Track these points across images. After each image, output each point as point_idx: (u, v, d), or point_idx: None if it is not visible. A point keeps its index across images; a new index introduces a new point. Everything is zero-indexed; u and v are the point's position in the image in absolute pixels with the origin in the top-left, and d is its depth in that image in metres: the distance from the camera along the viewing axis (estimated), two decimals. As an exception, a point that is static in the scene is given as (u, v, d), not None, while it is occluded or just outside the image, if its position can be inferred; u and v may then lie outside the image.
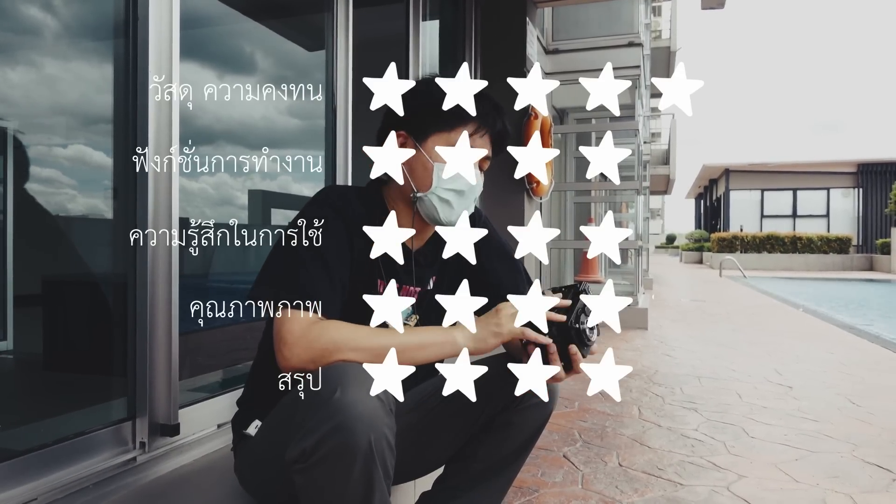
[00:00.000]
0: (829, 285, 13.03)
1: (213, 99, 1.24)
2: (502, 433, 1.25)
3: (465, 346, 1.07)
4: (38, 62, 1.50)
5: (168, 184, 1.48)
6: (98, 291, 1.64)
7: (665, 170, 19.59)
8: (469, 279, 1.37)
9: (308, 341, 1.03)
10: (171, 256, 1.48)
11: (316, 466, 0.92)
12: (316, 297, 1.07)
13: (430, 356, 1.08)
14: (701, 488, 1.92)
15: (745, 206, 24.38)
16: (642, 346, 4.64)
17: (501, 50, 4.39)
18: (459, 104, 1.13)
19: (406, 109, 1.19)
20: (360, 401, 0.92)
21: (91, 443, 1.33)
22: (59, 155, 1.53)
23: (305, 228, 1.14)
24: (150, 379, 1.45)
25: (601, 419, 2.66)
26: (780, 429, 2.55)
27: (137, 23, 1.46)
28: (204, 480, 1.43)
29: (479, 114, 1.15)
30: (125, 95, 1.49)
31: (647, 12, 6.59)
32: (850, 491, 1.91)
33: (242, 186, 2.26)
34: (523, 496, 1.84)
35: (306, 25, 2.69)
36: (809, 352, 4.47)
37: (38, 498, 1.18)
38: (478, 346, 1.09)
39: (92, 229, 1.65)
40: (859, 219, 22.75)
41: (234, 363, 2.05)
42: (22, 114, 1.47)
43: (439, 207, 1.20)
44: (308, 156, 1.39)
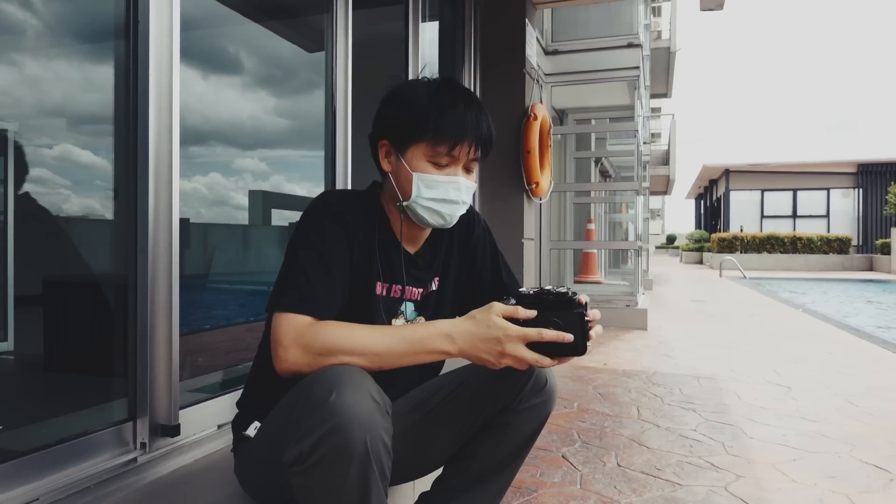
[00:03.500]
0: (829, 285, 13.03)
1: (212, 99, 1.25)
2: (501, 434, 1.26)
3: (458, 354, 1.07)
4: (38, 63, 1.51)
5: (168, 184, 1.49)
6: (99, 292, 1.64)
7: (665, 170, 19.59)
8: (470, 280, 1.39)
9: (303, 343, 1.04)
10: (171, 257, 1.49)
11: (313, 469, 0.93)
12: (313, 301, 1.08)
13: (423, 361, 1.08)
14: (699, 488, 1.93)
15: (745, 206, 24.41)
16: (641, 346, 4.64)
17: (501, 51, 4.39)
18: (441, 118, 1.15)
19: (387, 120, 1.21)
20: (356, 403, 0.93)
21: (92, 443, 1.34)
22: (60, 156, 1.54)
23: (305, 235, 1.15)
24: (151, 380, 1.45)
25: (600, 420, 2.66)
26: (778, 429, 2.55)
27: (138, 25, 1.46)
28: (204, 481, 1.43)
29: (466, 124, 1.16)
30: (126, 96, 1.49)
31: (646, 13, 6.60)
32: (847, 491, 1.91)
33: (235, 186, 2.26)
34: (522, 496, 1.85)
35: (306, 27, 2.70)
36: (808, 352, 4.48)
37: (40, 498, 1.19)
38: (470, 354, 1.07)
39: (92, 230, 1.65)
40: (859, 219, 22.77)
41: (234, 364, 2.05)
42: (22, 115, 1.47)
43: (425, 215, 1.20)
44: (307, 156, 1.40)
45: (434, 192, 1.18)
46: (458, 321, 1.08)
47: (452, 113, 1.16)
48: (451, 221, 1.23)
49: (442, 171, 1.18)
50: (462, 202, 1.22)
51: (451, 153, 1.17)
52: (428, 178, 1.18)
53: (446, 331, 1.06)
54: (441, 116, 1.16)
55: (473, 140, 1.18)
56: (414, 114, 1.17)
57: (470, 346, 1.05)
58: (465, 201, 1.22)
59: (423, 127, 1.16)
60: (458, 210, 1.23)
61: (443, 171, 1.18)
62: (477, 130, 1.18)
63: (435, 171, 1.18)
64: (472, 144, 1.19)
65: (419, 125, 1.16)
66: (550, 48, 5.53)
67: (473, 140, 1.18)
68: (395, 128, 1.20)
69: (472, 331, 1.05)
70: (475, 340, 1.05)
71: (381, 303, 1.23)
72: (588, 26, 5.65)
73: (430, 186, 1.18)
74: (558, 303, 1.07)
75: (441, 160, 1.18)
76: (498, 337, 1.03)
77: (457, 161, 1.19)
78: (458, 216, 1.24)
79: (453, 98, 1.18)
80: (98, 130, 1.60)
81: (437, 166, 1.18)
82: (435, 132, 1.16)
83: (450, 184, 1.19)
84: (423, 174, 1.18)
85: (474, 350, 1.05)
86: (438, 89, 1.20)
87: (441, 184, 1.18)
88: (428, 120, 1.16)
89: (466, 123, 1.17)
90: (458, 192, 1.20)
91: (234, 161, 2.29)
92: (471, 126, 1.17)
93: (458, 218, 1.25)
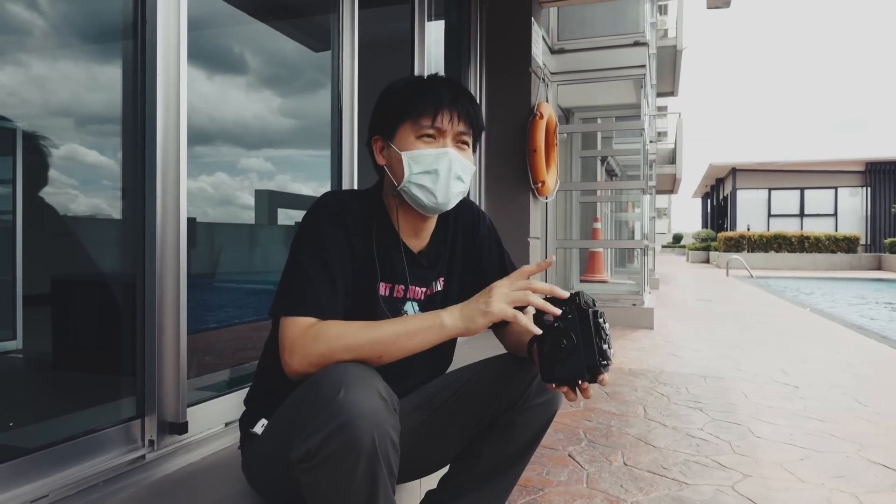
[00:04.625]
0: (837, 285, 12.96)
1: (218, 99, 1.26)
2: (507, 432, 1.26)
3: (453, 328, 1.07)
4: (46, 64, 1.51)
5: (176, 184, 1.49)
6: (107, 291, 1.65)
7: (671, 169, 19.54)
8: (474, 279, 1.39)
9: (304, 345, 1.05)
10: (178, 256, 1.50)
11: (320, 466, 0.93)
12: (316, 303, 1.09)
13: (422, 342, 1.07)
14: (706, 487, 1.93)
15: (752, 205, 24.29)
16: (648, 345, 4.63)
17: (507, 50, 4.39)
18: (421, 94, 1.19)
19: (375, 115, 1.26)
20: (364, 400, 0.93)
21: (101, 441, 1.35)
22: (68, 155, 1.55)
23: (305, 238, 1.16)
24: (159, 378, 1.46)
25: (606, 418, 2.66)
26: (785, 428, 2.54)
27: (146, 25, 1.47)
28: (212, 478, 1.44)
29: (443, 96, 1.19)
30: (133, 96, 1.50)
31: (652, 11, 6.58)
32: (855, 491, 1.91)
33: (241, 185, 2.27)
34: (528, 495, 1.85)
35: (312, 26, 2.71)
36: (816, 351, 4.46)
37: (50, 494, 1.20)
38: (467, 325, 1.07)
39: (101, 229, 1.66)
40: (867, 218, 22.62)
41: (241, 362, 2.06)
42: (31, 114, 1.48)
43: (418, 193, 1.20)
44: (313, 156, 1.41)
45: (422, 165, 1.18)
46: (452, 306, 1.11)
47: (431, 88, 1.20)
48: (444, 201, 1.21)
49: (431, 146, 1.19)
50: (456, 177, 1.20)
51: (434, 124, 1.18)
52: (416, 154, 1.18)
53: (438, 315, 1.08)
54: (419, 93, 1.19)
55: (455, 110, 1.19)
56: (396, 99, 1.21)
57: (461, 311, 1.07)
58: (458, 176, 1.21)
59: (404, 105, 1.19)
60: (452, 187, 1.20)
61: (432, 146, 1.19)
62: (456, 103, 1.20)
63: (424, 146, 1.19)
64: (453, 114, 1.19)
65: (400, 106, 1.20)
66: (556, 47, 5.52)
67: (455, 110, 1.19)
68: (382, 119, 1.23)
69: (466, 303, 1.09)
70: (465, 306, 1.08)
71: (385, 303, 1.23)
72: (594, 25, 5.65)
73: (419, 161, 1.18)
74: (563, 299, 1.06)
75: (427, 131, 1.19)
76: (485, 291, 1.07)
77: (444, 133, 1.19)
78: (454, 197, 1.22)
79: (432, 80, 1.23)
80: (105, 130, 1.61)
81: (425, 141, 1.19)
82: (415, 107, 1.18)
83: (439, 156, 1.18)
84: (411, 151, 1.19)
85: (466, 311, 1.07)
86: (419, 77, 1.25)
87: (429, 156, 1.18)
88: (407, 99, 1.19)
89: (444, 95, 1.19)
90: (448, 165, 1.18)
91: (239, 160, 2.30)
92: (449, 97, 1.19)
93: (456, 204, 1.24)
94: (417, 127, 1.18)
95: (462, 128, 1.21)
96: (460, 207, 1.35)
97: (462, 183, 1.22)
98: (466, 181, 1.23)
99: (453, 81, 1.24)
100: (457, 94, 1.21)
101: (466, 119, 1.21)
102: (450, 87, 1.21)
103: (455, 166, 1.19)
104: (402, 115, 1.19)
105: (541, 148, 4.36)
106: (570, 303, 1.05)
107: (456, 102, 1.20)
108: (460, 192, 1.23)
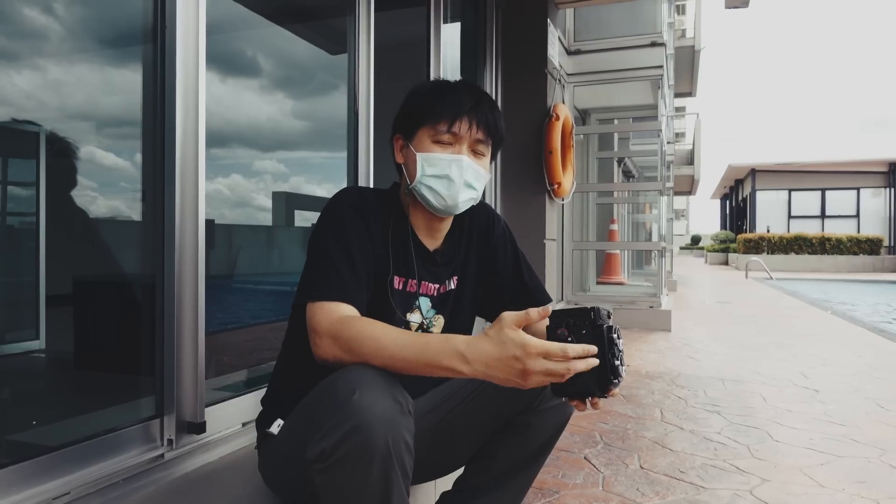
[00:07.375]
0: (859, 287, 12.75)
1: (234, 101, 1.28)
2: (522, 434, 1.26)
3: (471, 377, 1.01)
4: (68, 67, 1.54)
5: (195, 185, 1.51)
6: (127, 291, 1.68)
7: (689, 170, 19.36)
8: (490, 280, 1.39)
9: (334, 334, 1.06)
10: (197, 256, 1.51)
11: (335, 467, 0.94)
12: (343, 289, 1.11)
13: (437, 376, 1.03)
14: (723, 492, 1.91)
15: (771, 206, 23.99)
16: (665, 348, 4.59)
17: (523, 51, 4.38)
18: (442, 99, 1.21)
19: (399, 116, 1.28)
20: (378, 402, 0.93)
21: (121, 439, 1.37)
22: (90, 157, 1.57)
23: (329, 228, 1.17)
24: (178, 378, 1.48)
25: (623, 421, 2.64)
26: (805, 433, 2.51)
27: (165, 30, 1.49)
28: (229, 478, 1.45)
29: (464, 104, 1.20)
30: (153, 99, 1.52)
31: (670, 11, 6.53)
32: (877, 497, 1.88)
33: (256, 187, 2.29)
34: (544, 497, 1.85)
35: (329, 29, 2.73)
36: (837, 355, 4.39)
37: (71, 492, 1.22)
38: (489, 380, 1.01)
39: (121, 231, 1.69)
40: (891, 219, 22.23)
41: (258, 363, 2.08)
42: (53, 117, 1.51)
43: (427, 195, 1.22)
44: (330, 158, 1.43)
45: (434, 168, 1.20)
46: (473, 339, 1.00)
47: (452, 94, 1.22)
48: (452, 204, 1.22)
49: (446, 151, 1.21)
50: (466, 184, 1.21)
51: (451, 130, 1.20)
52: (430, 157, 1.20)
53: (460, 350, 0.99)
54: (441, 98, 1.21)
55: (473, 117, 1.21)
56: (419, 102, 1.24)
57: (487, 368, 0.97)
58: (468, 183, 1.22)
59: (425, 109, 1.21)
60: (461, 193, 1.21)
61: (447, 151, 1.21)
62: (476, 110, 1.21)
63: (439, 150, 1.21)
64: (471, 121, 1.21)
65: (422, 108, 1.22)
66: (573, 48, 5.50)
67: (473, 117, 1.21)
68: (405, 119, 1.25)
69: (487, 350, 0.97)
70: (491, 361, 0.97)
71: (398, 296, 1.24)
72: (611, 25, 5.62)
73: (432, 164, 1.20)
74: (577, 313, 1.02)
75: (443, 138, 1.20)
76: (516, 355, 0.95)
77: (460, 140, 1.21)
78: (464, 203, 1.23)
79: (455, 85, 1.25)
80: (125, 133, 1.63)
81: (441, 145, 1.21)
82: (436, 111, 1.20)
83: (451, 161, 1.20)
84: (426, 153, 1.21)
85: (493, 372, 0.97)
86: (444, 81, 1.27)
87: (442, 160, 1.20)
88: (430, 103, 1.21)
89: (464, 102, 1.21)
90: (459, 171, 1.20)
91: (254, 162, 2.32)
92: (469, 105, 1.21)
93: (468, 208, 1.26)
94: (435, 131, 1.20)
95: (480, 136, 1.22)
96: (475, 210, 1.36)
97: (473, 190, 1.24)
98: (478, 188, 1.24)
99: (478, 89, 1.26)
100: (478, 101, 1.22)
101: (485, 127, 1.22)
102: (473, 94, 1.23)
103: (467, 173, 1.21)
104: (423, 119, 1.22)
105: (557, 149, 4.35)
106: (585, 317, 1.04)
107: (476, 110, 1.21)
108: (470, 198, 1.25)
